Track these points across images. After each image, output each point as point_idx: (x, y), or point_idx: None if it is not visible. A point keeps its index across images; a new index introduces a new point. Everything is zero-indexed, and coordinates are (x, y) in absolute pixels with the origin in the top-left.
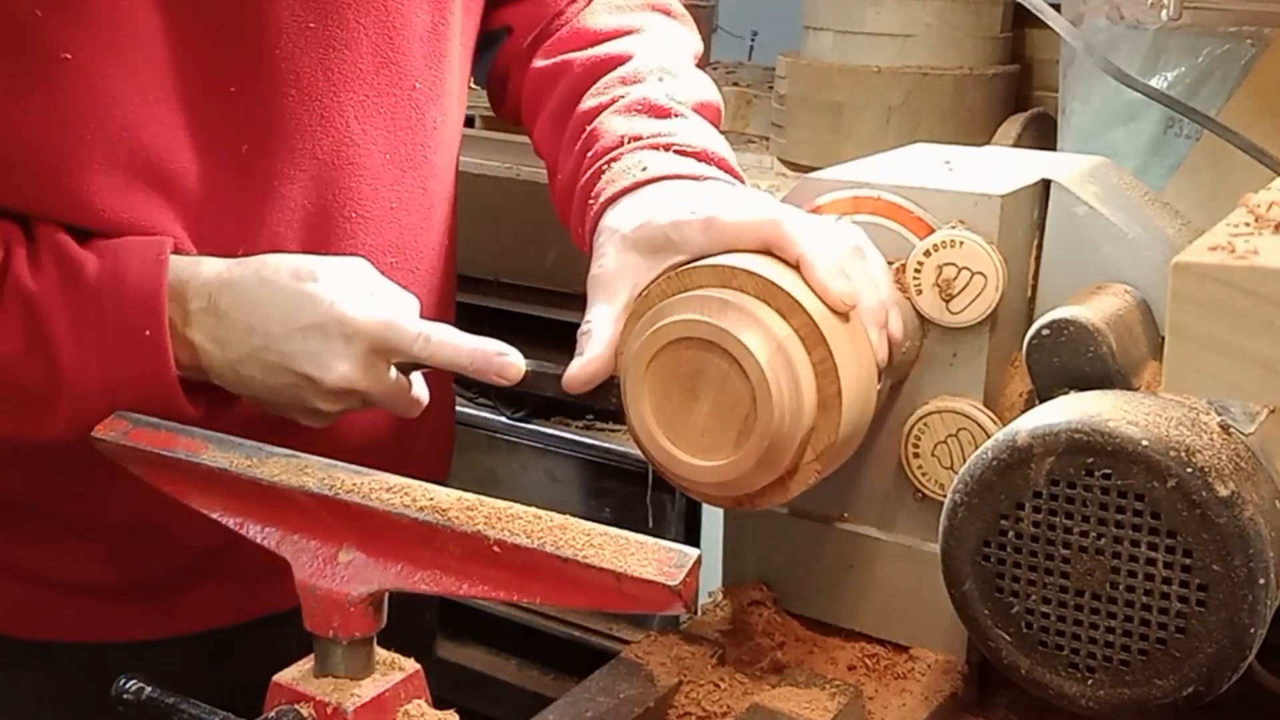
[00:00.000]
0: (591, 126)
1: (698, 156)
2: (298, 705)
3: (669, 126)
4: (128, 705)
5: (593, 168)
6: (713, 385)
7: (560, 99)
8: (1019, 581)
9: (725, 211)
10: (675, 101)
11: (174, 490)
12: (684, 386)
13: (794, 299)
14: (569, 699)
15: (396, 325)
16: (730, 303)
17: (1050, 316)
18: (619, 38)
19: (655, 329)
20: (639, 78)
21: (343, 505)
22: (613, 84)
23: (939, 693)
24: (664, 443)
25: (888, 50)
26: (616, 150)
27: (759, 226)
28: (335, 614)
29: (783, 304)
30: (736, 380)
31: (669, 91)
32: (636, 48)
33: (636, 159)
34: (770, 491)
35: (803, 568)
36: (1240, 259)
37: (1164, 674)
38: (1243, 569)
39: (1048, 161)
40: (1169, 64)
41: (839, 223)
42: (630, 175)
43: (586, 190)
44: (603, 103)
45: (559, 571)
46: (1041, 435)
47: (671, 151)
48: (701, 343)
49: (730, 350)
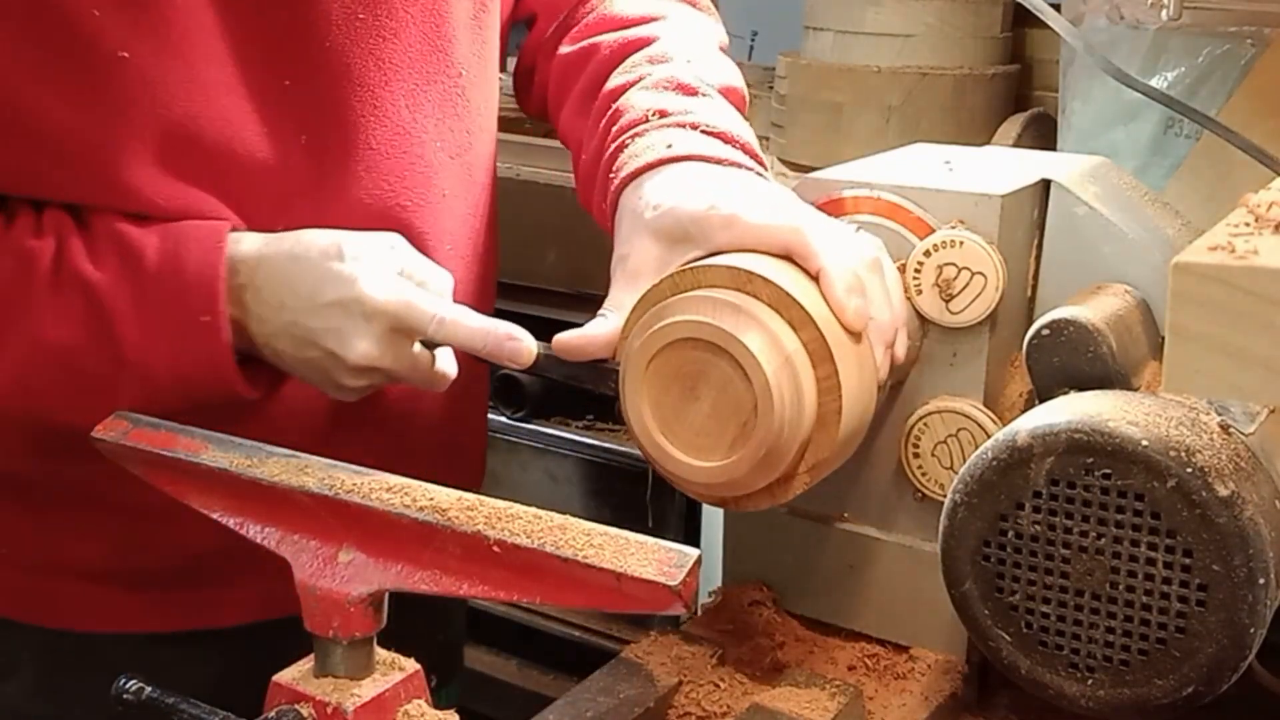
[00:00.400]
0: (617, 104)
1: (722, 138)
2: (298, 705)
3: (695, 104)
4: (128, 705)
5: (616, 141)
6: (714, 387)
7: (587, 81)
8: (1019, 581)
9: (749, 211)
10: (703, 82)
11: (174, 490)
12: (685, 385)
13: (807, 313)
14: (569, 699)
15: (415, 306)
16: (742, 308)
17: (1050, 316)
18: (646, 24)
19: (663, 325)
20: (666, 58)
21: (343, 505)
22: (640, 63)
23: (939, 693)
24: (659, 438)
25: (888, 50)
26: (642, 126)
27: (782, 232)
28: (335, 614)
29: (795, 316)
30: (739, 385)
31: (697, 73)
32: (663, 31)
33: (662, 136)
34: (759, 496)
35: (803, 568)
36: (1240, 259)
37: (1164, 674)
38: (1243, 569)
39: (1048, 161)
40: (1169, 64)
41: (859, 234)
42: (655, 152)
43: (609, 165)
44: (630, 80)
45: (559, 571)
46: (1041, 435)
47: (699, 131)
48: (708, 344)
49: (737, 356)
